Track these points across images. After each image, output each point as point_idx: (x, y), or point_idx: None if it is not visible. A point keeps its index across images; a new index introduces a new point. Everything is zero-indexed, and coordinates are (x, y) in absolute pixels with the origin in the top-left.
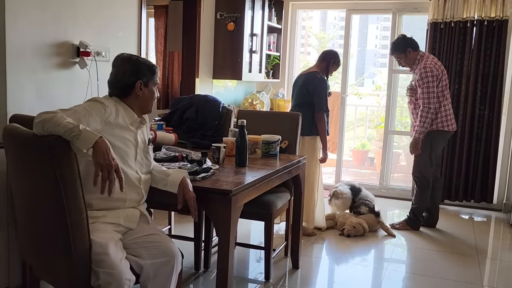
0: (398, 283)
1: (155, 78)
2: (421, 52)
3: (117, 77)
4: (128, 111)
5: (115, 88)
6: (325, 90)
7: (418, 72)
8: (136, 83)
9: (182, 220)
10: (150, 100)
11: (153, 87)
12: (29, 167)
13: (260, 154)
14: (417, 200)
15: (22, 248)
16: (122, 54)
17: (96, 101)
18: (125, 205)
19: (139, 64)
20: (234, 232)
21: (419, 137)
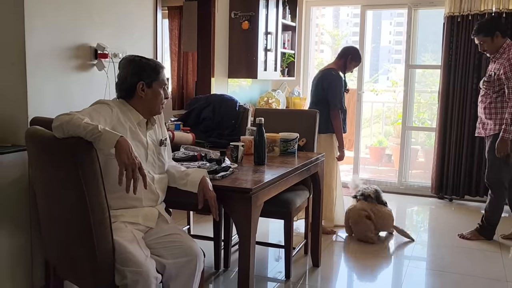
0: (420, 281)
1: (159, 78)
2: (509, 40)
3: (120, 79)
4: (134, 113)
5: (120, 90)
6: (340, 87)
7: (505, 63)
8: (138, 84)
9: (200, 219)
10: (155, 101)
11: (159, 87)
12: (51, 169)
13: (278, 152)
14: (492, 208)
15: (45, 248)
16: (127, 56)
17: (102, 103)
18: (142, 204)
19: (141, 65)
20: (254, 231)
21: (508, 137)
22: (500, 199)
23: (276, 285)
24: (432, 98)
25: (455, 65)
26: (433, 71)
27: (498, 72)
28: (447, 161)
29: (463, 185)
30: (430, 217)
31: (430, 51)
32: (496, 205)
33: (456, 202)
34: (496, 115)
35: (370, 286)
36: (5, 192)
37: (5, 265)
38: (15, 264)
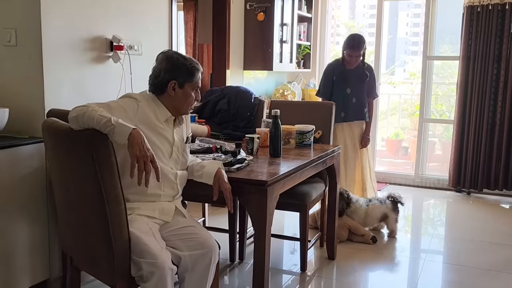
0: (436, 274)
1: (194, 80)
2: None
3: (154, 73)
4: (162, 109)
5: (151, 84)
6: (323, 77)
7: None
8: (170, 82)
9: (215, 212)
10: (184, 102)
11: (190, 89)
12: (68, 160)
13: (294, 144)
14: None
15: (62, 240)
16: (167, 50)
17: (129, 97)
18: (160, 199)
19: (177, 64)
20: (270, 223)
21: None
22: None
23: (291, 278)
24: (450, 89)
25: (474, 56)
26: (451, 62)
27: None
28: (465, 153)
29: (481, 178)
30: (448, 210)
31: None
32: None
33: (474, 195)
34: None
35: (386, 279)
36: (23, 184)
37: (23, 256)
38: (33, 254)
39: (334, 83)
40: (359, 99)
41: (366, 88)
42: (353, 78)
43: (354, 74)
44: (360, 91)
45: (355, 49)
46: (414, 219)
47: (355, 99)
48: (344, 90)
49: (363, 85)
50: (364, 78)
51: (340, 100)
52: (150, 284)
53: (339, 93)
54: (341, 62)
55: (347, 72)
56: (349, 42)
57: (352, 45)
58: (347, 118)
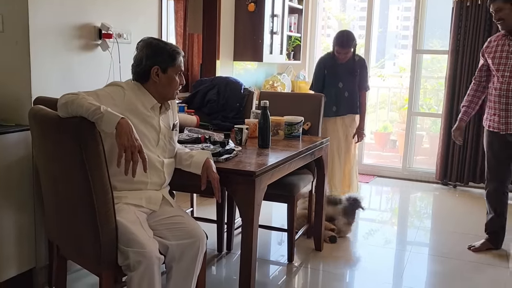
0: (422, 266)
1: (176, 64)
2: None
3: (136, 61)
4: (148, 96)
5: (135, 73)
6: (316, 69)
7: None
8: (152, 68)
9: (204, 202)
10: (169, 87)
11: (174, 73)
12: (55, 149)
13: (283, 136)
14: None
15: (49, 228)
16: (146, 38)
17: (116, 85)
18: (147, 187)
19: (158, 49)
20: (258, 214)
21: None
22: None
23: (278, 268)
24: (439, 83)
25: (463, 50)
26: (440, 56)
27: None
28: (452, 147)
29: (467, 172)
30: (434, 203)
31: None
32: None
33: (460, 188)
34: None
35: (372, 270)
36: (9, 172)
37: (9, 245)
38: (19, 243)
39: (326, 77)
40: (351, 93)
41: (357, 81)
42: (345, 72)
43: (346, 68)
44: (352, 85)
45: (343, 46)
46: (400, 212)
47: (347, 93)
48: (336, 84)
49: (354, 79)
50: (355, 73)
51: (332, 94)
52: (137, 273)
53: (331, 87)
54: (332, 56)
55: (339, 66)
56: (338, 40)
57: (341, 42)
58: (339, 112)
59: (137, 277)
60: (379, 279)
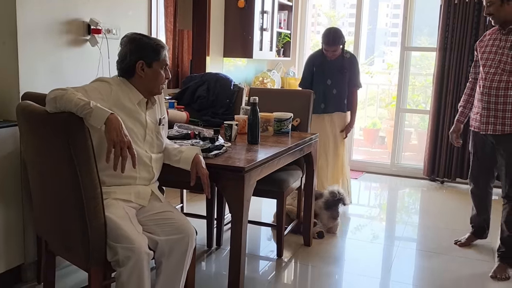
0: (409, 261)
1: (161, 58)
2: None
3: (120, 57)
4: (134, 92)
5: (120, 68)
6: (305, 66)
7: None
8: (137, 63)
9: (194, 198)
10: (155, 81)
11: (159, 67)
12: (43, 144)
13: (272, 132)
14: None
15: (37, 224)
16: (129, 33)
17: (102, 81)
18: (135, 182)
19: (141, 44)
20: (247, 210)
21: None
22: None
23: (268, 264)
24: (427, 80)
25: (450, 48)
26: (429, 54)
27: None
28: (440, 143)
29: (455, 168)
30: (422, 199)
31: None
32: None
33: (447, 184)
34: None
35: (360, 265)
36: None
37: None
38: (8, 239)
39: (314, 74)
40: (340, 91)
41: (347, 79)
42: (334, 69)
43: (335, 65)
44: (341, 83)
45: (330, 44)
46: (389, 207)
47: (336, 90)
48: (325, 81)
49: (343, 76)
50: (344, 70)
51: (320, 92)
52: (126, 269)
53: (319, 84)
54: (321, 53)
55: (328, 63)
56: (325, 38)
57: (327, 40)
58: (327, 110)
59: (126, 272)
60: (368, 274)
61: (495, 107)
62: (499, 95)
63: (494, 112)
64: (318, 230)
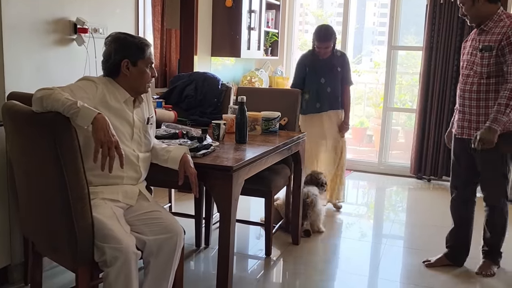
0: (397, 258)
1: (145, 56)
2: (502, 8)
3: (105, 56)
4: (121, 91)
5: (105, 68)
6: (296, 66)
7: (508, 32)
8: (122, 62)
9: (182, 197)
10: (141, 79)
11: (144, 66)
12: (29, 144)
13: (260, 131)
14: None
15: (23, 225)
16: (113, 33)
17: (88, 80)
18: (123, 182)
19: (126, 42)
20: (235, 209)
21: (497, 128)
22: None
23: (256, 262)
24: (414, 79)
25: (436, 47)
26: (415, 53)
27: (496, 44)
28: (427, 142)
29: (441, 166)
30: (409, 197)
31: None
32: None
33: (434, 182)
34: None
35: (348, 263)
36: None
37: None
38: None
39: (308, 74)
40: (334, 89)
41: (340, 76)
42: (326, 67)
43: (327, 64)
44: (334, 80)
45: (322, 41)
46: (376, 205)
47: (330, 88)
48: (318, 80)
49: (336, 74)
50: (336, 68)
51: (314, 91)
52: (114, 269)
53: (313, 83)
54: (312, 53)
55: (320, 62)
56: (316, 34)
57: (319, 37)
58: (322, 109)
59: (114, 272)
60: (355, 271)
61: (469, 111)
62: (472, 98)
63: (468, 116)
64: (305, 229)
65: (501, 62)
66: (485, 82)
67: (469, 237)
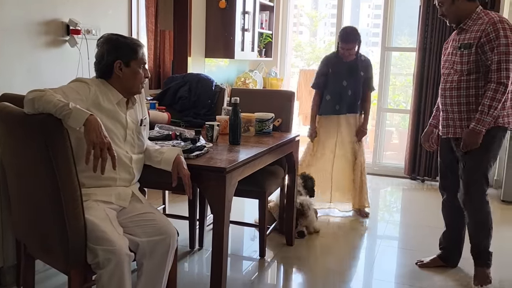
0: (391, 258)
1: (138, 56)
2: (481, 7)
3: (98, 58)
4: (114, 92)
5: (97, 70)
6: (319, 67)
7: (487, 28)
8: (115, 63)
9: (176, 199)
10: (134, 80)
11: (137, 66)
12: (21, 146)
13: (254, 132)
14: (481, 237)
15: (16, 227)
16: (105, 34)
17: (80, 81)
18: (116, 184)
19: (118, 43)
20: (228, 210)
21: (481, 129)
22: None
23: (251, 264)
24: (407, 80)
25: (430, 48)
26: (409, 54)
27: (475, 41)
28: (420, 143)
29: (435, 166)
30: (403, 197)
31: (406, 34)
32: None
33: (428, 183)
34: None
35: (342, 263)
36: None
37: None
38: None
39: (330, 76)
40: (355, 92)
41: (362, 81)
42: (349, 70)
43: (350, 67)
44: (356, 84)
45: (346, 41)
46: (370, 206)
47: (351, 91)
48: (340, 82)
49: (358, 78)
50: (359, 72)
51: (336, 93)
52: (107, 271)
53: (335, 85)
54: (336, 55)
55: (343, 64)
56: (341, 36)
57: (343, 38)
58: (341, 111)
59: (107, 275)
60: (350, 272)
61: (451, 109)
62: (453, 96)
63: (451, 115)
64: (299, 230)
65: (481, 59)
66: (465, 78)
67: (462, 238)
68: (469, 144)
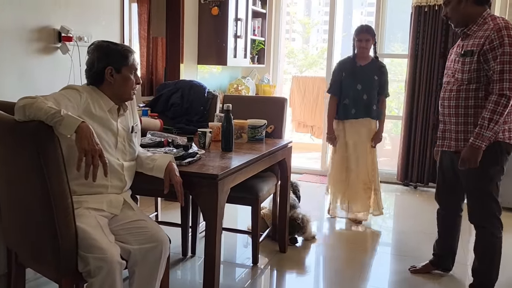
0: (385, 265)
1: (129, 62)
2: (489, 11)
3: (88, 65)
4: (105, 99)
5: (88, 77)
6: (333, 72)
7: (491, 35)
8: (106, 69)
9: (168, 206)
10: (125, 86)
11: (128, 73)
12: (12, 153)
13: (246, 139)
14: (486, 265)
15: (6, 235)
16: (96, 41)
17: (72, 88)
18: (107, 191)
19: (108, 50)
20: (221, 217)
21: (481, 145)
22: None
23: (244, 271)
24: (400, 87)
25: (421, 54)
26: (401, 60)
27: (478, 48)
28: (413, 149)
29: (427, 172)
30: (396, 203)
31: (399, 41)
32: (492, 261)
33: (420, 189)
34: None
35: (336, 270)
36: None
37: None
38: None
39: (344, 80)
40: (370, 96)
41: (377, 85)
42: (364, 74)
43: (365, 71)
44: (371, 88)
45: (361, 32)
46: None
47: (366, 95)
48: (355, 86)
49: (373, 82)
50: (374, 76)
51: (351, 97)
52: (98, 279)
53: (349, 89)
54: (352, 59)
55: (358, 68)
56: (356, 29)
57: (359, 30)
58: (358, 115)
59: (98, 283)
60: (344, 279)
61: (448, 120)
62: (451, 106)
63: (448, 126)
64: (291, 236)
65: (483, 68)
66: (465, 88)
67: (455, 245)
68: (467, 161)
